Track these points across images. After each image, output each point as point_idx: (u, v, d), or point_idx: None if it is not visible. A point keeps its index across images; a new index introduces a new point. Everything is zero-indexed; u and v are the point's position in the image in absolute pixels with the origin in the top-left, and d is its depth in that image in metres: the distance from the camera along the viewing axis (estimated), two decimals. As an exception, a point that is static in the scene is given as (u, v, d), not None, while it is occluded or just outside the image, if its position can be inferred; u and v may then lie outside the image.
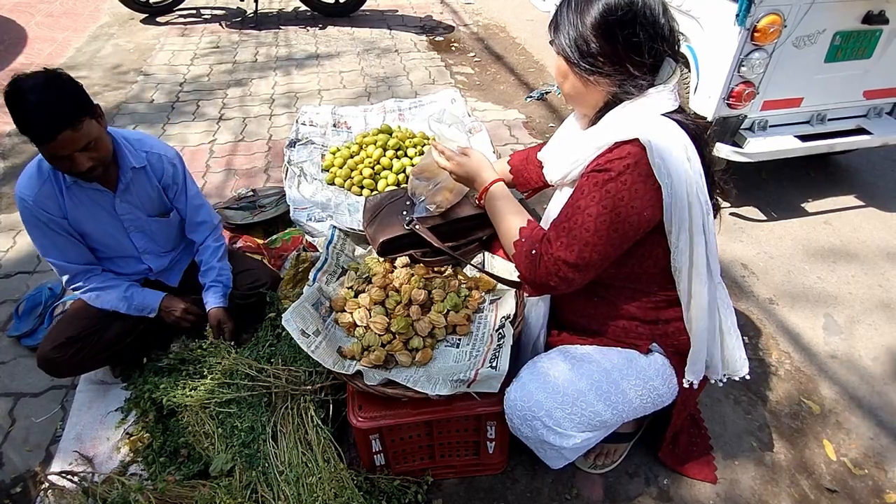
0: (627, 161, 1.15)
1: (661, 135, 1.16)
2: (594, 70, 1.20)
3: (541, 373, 1.36)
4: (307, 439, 1.54)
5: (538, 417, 1.31)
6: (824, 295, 2.37)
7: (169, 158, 1.80)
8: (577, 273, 1.22)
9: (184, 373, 1.78)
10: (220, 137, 3.47)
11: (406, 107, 3.43)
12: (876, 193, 3.00)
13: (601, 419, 1.33)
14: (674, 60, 1.23)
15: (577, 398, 1.31)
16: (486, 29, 5.22)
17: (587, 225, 1.17)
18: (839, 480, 1.70)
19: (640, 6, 1.15)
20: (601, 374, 1.34)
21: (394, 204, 1.79)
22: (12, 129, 3.53)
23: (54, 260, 1.69)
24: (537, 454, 1.48)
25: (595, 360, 1.36)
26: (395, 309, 1.58)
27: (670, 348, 1.40)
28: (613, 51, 1.17)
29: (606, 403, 1.32)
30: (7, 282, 2.41)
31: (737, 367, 1.40)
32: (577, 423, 1.31)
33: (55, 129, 1.42)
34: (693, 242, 1.21)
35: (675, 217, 1.18)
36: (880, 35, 2.48)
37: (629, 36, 1.15)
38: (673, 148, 1.15)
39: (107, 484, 1.52)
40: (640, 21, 1.15)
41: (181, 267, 1.98)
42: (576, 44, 1.20)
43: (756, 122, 2.61)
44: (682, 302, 1.30)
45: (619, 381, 1.34)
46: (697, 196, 1.18)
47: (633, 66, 1.18)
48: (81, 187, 1.64)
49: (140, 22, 5.20)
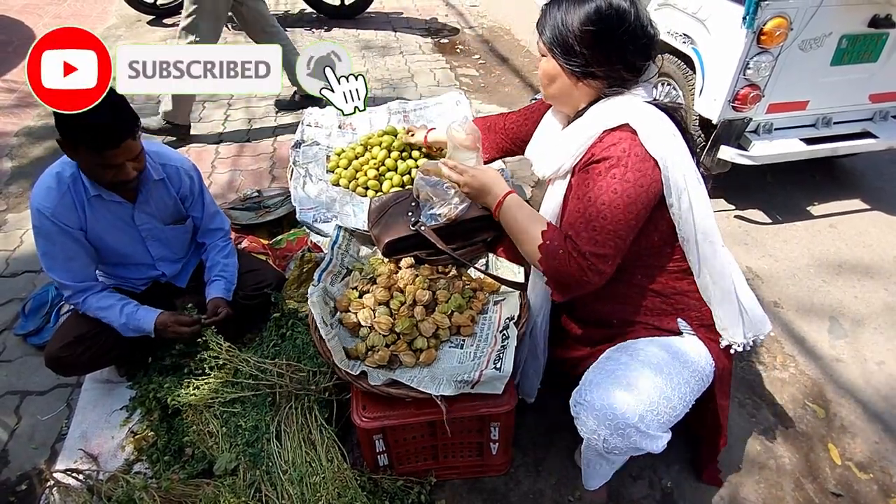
0: (623, 146, 1.21)
1: (646, 117, 1.24)
2: (586, 72, 1.26)
3: (620, 376, 1.28)
4: (311, 439, 1.54)
5: (632, 424, 1.21)
6: (830, 299, 2.36)
7: (186, 170, 1.82)
8: (606, 263, 1.24)
9: (188, 372, 1.78)
10: (225, 138, 3.49)
11: (411, 108, 3.43)
12: (881, 197, 2.99)
13: (676, 413, 1.29)
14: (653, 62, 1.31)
15: (660, 396, 1.26)
16: (490, 31, 5.23)
17: (604, 213, 1.21)
18: (844, 484, 1.69)
19: (629, 12, 1.22)
20: (668, 366, 1.31)
21: (399, 205, 1.79)
22: (19, 129, 3.55)
23: (56, 276, 1.68)
24: (587, 470, 1.47)
25: (657, 353, 1.34)
26: (400, 309, 1.58)
27: (695, 321, 1.40)
28: (605, 55, 1.24)
29: (679, 395, 1.29)
30: (14, 280, 2.43)
31: (759, 326, 1.40)
32: (662, 423, 1.26)
33: (121, 137, 1.48)
34: (694, 210, 1.27)
35: (675, 188, 1.24)
36: (887, 39, 2.48)
37: (620, 41, 1.22)
38: (659, 126, 1.24)
39: (111, 482, 1.53)
40: (632, 26, 1.22)
41: (189, 269, 1.99)
42: (568, 46, 1.25)
43: (761, 124, 2.60)
44: (694, 270, 1.35)
45: (680, 370, 1.31)
46: (690, 164, 1.26)
47: (624, 68, 1.25)
48: (103, 200, 1.66)
49: (147, 24, 5.23)
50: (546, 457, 1.74)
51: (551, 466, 1.67)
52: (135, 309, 1.76)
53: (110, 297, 1.75)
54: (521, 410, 1.49)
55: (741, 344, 1.39)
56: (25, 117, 3.70)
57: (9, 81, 4.13)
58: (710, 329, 1.40)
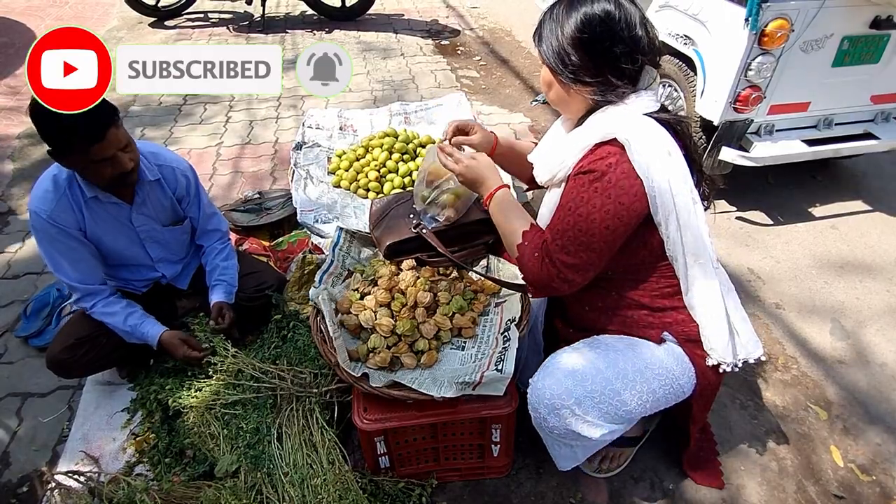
0: (609, 160, 1.20)
1: (639, 133, 1.21)
2: (576, 79, 1.25)
3: (568, 361, 1.36)
4: (312, 441, 1.54)
5: (567, 406, 1.30)
6: (831, 300, 2.36)
7: (182, 171, 1.82)
8: (577, 274, 1.26)
9: (189, 374, 1.78)
10: (226, 140, 3.49)
11: (412, 110, 3.44)
12: (883, 198, 2.99)
13: (626, 409, 1.33)
14: (654, 68, 1.27)
15: (605, 387, 1.30)
16: (491, 33, 5.23)
17: (579, 225, 1.21)
18: (846, 487, 1.68)
19: (617, 20, 1.19)
20: (626, 362, 1.34)
21: (400, 207, 1.79)
22: (21, 132, 3.56)
23: (64, 277, 1.68)
24: (550, 451, 1.49)
25: (619, 349, 1.36)
26: (401, 311, 1.58)
27: (682, 336, 1.39)
28: (592, 62, 1.22)
29: (632, 393, 1.32)
30: (16, 282, 2.43)
31: (750, 350, 1.39)
32: (604, 412, 1.31)
33: (102, 126, 1.46)
34: (683, 231, 1.24)
35: (661, 209, 1.22)
36: (888, 40, 2.47)
37: (607, 48, 1.20)
38: (651, 144, 1.20)
39: (112, 484, 1.53)
40: (617, 34, 1.19)
41: (190, 271, 1.99)
42: (557, 54, 1.25)
43: (762, 126, 2.60)
44: (682, 288, 1.33)
45: (643, 370, 1.34)
46: (682, 186, 1.22)
47: (612, 75, 1.23)
48: (100, 201, 1.66)
49: (148, 26, 5.24)
50: (547, 459, 1.73)
51: (553, 468, 1.66)
52: (139, 321, 1.75)
53: (115, 303, 1.75)
54: (522, 412, 1.49)
55: (730, 364, 1.37)
56: (27, 119, 3.70)
57: (10, 83, 4.14)
58: (697, 344, 1.38)
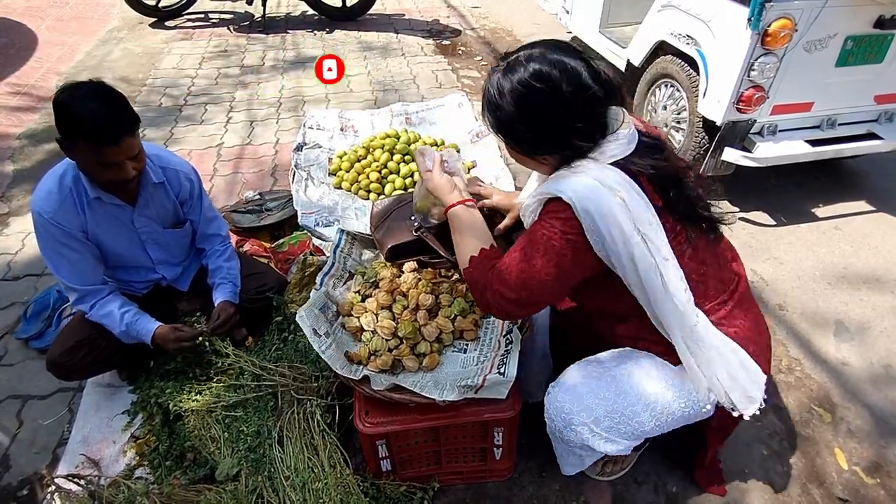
0: (561, 215, 1.15)
1: (587, 191, 1.11)
2: (535, 151, 1.21)
3: (590, 376, 1.35)
4: (313, 444, 1.53)
5: (585, 423, 1.31)
6: (835, 301, 2.35)
7: (185, 174, 1.81)
8: (517, 308, 1.26)
9: (190, 376, 1.77)
10: (227, 141, 3.48)
11: (413, 111, 3.43)
12: (887, 198, 2.98)
13: (644, 430, 1.32)
14: (620, 106, 1.18)
15: (626, 408, 1.30)
16: (492, 33, 5.22)
17: (528, 271, 1.20)
18: (851, 490, 1.67)
19: (557, 80, 1.10)
20: (649, 383, 1.31)
21: (402, 209, 1.78)
22: (22, 132, 3.55)
23: (63, 279, 1.67)
24: (558, 457, 1.49)
25: (644, 367, 1.33)
26: (403, 314, 1.57)
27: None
28: (546, 132, 1.16)
29: (651, 415, 1.31)
30: (16, 284, 2.42)
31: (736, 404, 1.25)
32: (622, 432, 1.32)
33: (120, 133, 1.47)
34: (645, 284, 1.16)
35: (617, 264, 1.16)
36: (892, 39, 2.46)
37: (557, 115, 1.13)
38: (600, 202, 1.10)
39: (113, 487, 1.53)
40: (561, 97, 1.10)
41: (190, 273, 1.98)
42: (507, 129, 1.20)
43: (765, 126, 2.59)
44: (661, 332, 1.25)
45: (664, 391, 1.30)
46: (639, 238, 1.12)
47: (573, 137, 1.14)
48: (103, 202, 1.65)
49: (149, 26, 5.24)
50: (550, 462, 1.72)
51: (555, 472, 1.65)
52: (134, 318, 1.73)
53: (112, 302, 1.74)
54: (525, 415, 1.48)
55: (746, 412, 1.26)
56: (28, 120, 3.71)
57: (11, 84, 4.13)
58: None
